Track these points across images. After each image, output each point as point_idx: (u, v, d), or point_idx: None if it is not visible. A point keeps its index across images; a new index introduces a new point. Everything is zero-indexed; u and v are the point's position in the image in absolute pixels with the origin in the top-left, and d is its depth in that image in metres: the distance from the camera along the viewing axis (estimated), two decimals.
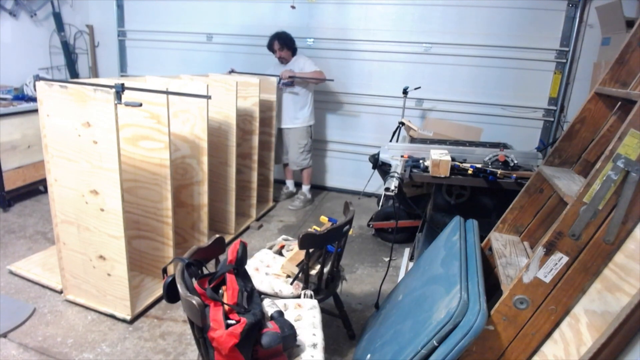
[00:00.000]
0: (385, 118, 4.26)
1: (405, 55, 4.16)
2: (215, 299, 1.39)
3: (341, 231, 1.90)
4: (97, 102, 1.98)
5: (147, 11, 4.90)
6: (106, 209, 2.14)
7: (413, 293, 1.77)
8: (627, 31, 2.97)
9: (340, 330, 2.30)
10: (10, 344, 2.10)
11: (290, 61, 3.91)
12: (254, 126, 3.50)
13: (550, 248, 1.28)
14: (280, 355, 1.46)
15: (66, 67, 5.09)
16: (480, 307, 1.26)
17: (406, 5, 4.06)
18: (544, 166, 1.84)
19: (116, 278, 2.25)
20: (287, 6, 4.10)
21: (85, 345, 2.13)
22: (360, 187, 4.06)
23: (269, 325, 1.47)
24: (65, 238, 2.34)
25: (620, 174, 1.18)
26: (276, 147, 3.99)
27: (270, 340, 1.41)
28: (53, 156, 2.20)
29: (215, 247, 1.67)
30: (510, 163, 2.53)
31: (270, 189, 4.09)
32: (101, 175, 2.09)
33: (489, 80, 4.00)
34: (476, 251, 1.65)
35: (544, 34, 3.78)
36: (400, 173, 2.30)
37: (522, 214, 1.91)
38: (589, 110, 1.74)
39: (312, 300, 1.80)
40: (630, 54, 1.61)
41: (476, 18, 3.90)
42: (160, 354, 2.11)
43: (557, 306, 1.30)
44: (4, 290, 2.52)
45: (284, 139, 4.09)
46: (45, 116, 2.14)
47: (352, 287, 2.79)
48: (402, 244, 3.41)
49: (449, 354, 1.23)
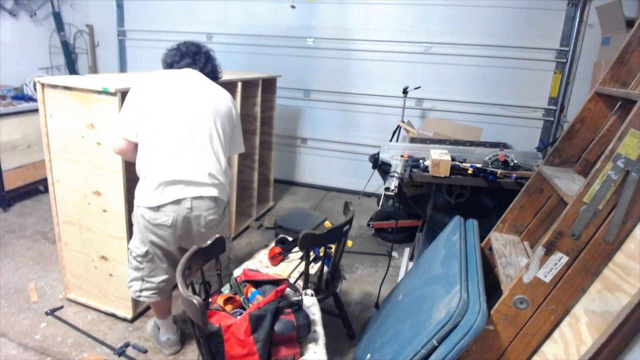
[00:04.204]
0: (385, 118, 4.26)
1: (405, 55, 4.16)
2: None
3: (341, 231, 1.91)
4: (101, 104, 1.98)
5: (147, 11, 4.90)
6: (109, 210, 2.14)
7: (413, 293, 1.77)
8: (627, 31, 2.97)
9: (340, 330, 2.30)
10: (10, 344, 2.11)
11: None
12: (254, 126, 3.50)
13: (550, 248, 1.28)
14: (293, 342, 1.49)
15: (66, 67, 5.09)
16: (480, 307, 1.26)
17: (406, 5, 4.06)
18: (544, 166, 1.84)
19: (118, 278, 2.25)
20: (287, 6, 4.10)
21: (86, 345, 2.13)
22: (360, 187, 4.06)
23: (285, 312, 1.50)
24: (66, 238, 2.34)
25: (620, 173, 1.18)
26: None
27: (283, 327, 1.44)
28: (55, 157, 2.20)
29: (215, 247, 1.67)
30: (510, 163, 2.53)
31: (270, 189, 4.09)
32: (104, 176, 2.10)
33: (489, 80, 4.00)
34: (476, 251, 1.65)
35: (544, 34, 3.79)
36: (400, 173, 2.30)
37: (522, 214, 1.91)
38: (589, 110, 1.74)
39: (312, 297, 1.80)
40: (630, 54, 1.61)
41: (476, 18, 3.90)
42: (160, 353, 2.11)
43: (557, 306, 1.30)
44: (4, 290, 2.53)
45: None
46: (48, 117, 2.14)
47: (352, 287, 2.80)
48: (402, 243, 3.41)
49: (449, 353, 1.23)
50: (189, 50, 1.97)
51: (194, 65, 1.96)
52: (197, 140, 1.79)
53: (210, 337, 1.42)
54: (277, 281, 1.65)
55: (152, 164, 1.77)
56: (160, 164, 1.75)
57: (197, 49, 1.99)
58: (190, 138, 1.78)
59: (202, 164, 1.80)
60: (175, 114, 1.78)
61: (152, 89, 1.82)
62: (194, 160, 1.78)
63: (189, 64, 1.95)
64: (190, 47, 1.98)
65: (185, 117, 1.79)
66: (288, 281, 1.66)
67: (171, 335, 2.09)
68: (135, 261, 1.91)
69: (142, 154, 1.79)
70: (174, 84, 1.86)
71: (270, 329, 1.42)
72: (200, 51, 1.99)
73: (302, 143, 4.76)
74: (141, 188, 1.80)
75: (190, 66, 1.95)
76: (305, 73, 4.49)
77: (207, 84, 1.92)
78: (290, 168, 4.87)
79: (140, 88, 1.82)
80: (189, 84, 1.87)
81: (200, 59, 1.97)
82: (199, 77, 1.93)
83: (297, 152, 4.81)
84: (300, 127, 4.71)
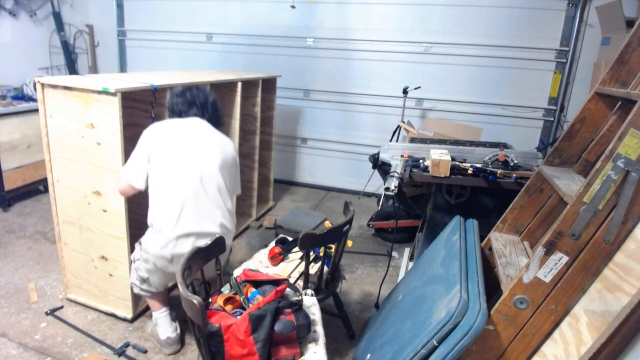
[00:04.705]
0: (385, 118, 4.26)
1: (405, 55, 4.17)
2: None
3: (341, 231, 1.91)
4: (101, 104, 1.98)
5: (147, 11, 4.90)
6: (109, 210, 2.14)
7: (413, 293, 1.77)
8: (627, 31, 2.97)
9: (340, 330, 2.30)
10: (10, 344, 2.11)
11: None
12: (254, 126, 3.50)
13: (550, 248, 1.28)
14: (293, 342, 1.49)
15: (66, 67, 5.09)
16: (480, 307, 1.26)
17: (406, 5, 4.06)
18: (544, 166, 1.84)
19: (118, 278, 2.25)
20: (287, 6, 4.10)
21: (86, 345, 2.13)
22: (360, 187, 4.06)
23: (285, 312, 1.50)
24: (66, 238, 2.34)
25: (620, 173, 1.18)
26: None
27: (283, 327, 1.45)
28: (55, 157, 2.20)
29: (215, 247, 1.67)
30: (510, 163, 2.53)
31: (270, 189, 4.09)
32: (104, 176, 2.10)
33: (489, 80, 4.00)
34: (476, 251, 1.65)
35: (544, 34, 3.79)
36: (400, 173, 2.30)
37: (522, 214, 1.91)
38: (589, 110, 1.74)
39: (312, 297, 1.81)
40: (630, 54, 1.61)
41: (476, 18, 3.90)
42: (160, 353, 2.11)
43: (557, 306, 1.30)
44: (4, 290, 2.53)
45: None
46: (48, 117, 2.14)
47: (352, 287, 2.80)
48: (402, 243, 3.41)
49: (449, 353, 1.23)
50: (197, 100, 2.01)
51: (202, 116, 2.01)
52: (209, 192, 1.86)
53: (210, 337, 1.42)
54: (277, 281, 1.65)
55: (165, 217, 1.84)
56: (173, 217, 1.82)
57: (205, 98, 2.03)
58: (202, 191, 1.85)
59: (214, 216, 1.89)
60: (187, 167, 1.86)
61: (162, 140, 1.88)
62: (207, 212, 1.86)
63: (197, 114, 2.00)
64: (198, 96, 2.02)
65: (196, 171, 1.86)
66: (288, 281, 1.66)
67: (170, 334, 2.10)
68: (137, 282, 2.07)
69: (155, 206, 1.86)
70: (184, 136, 1.91)
71: (270, 329, 1.42)
72: (208, 101, 2.04)
73: (302, 143, 4.76)
74: (153, 239, 1.87)
75: (197, 116, 2.00)
76: (305, 73, 4.49)
77: (214, 135, 1.99)
78: (290, 168, 4.88)
79: (151, 137, 1.88)
80: (198, 137, 1.94)
81: (208, 109, 2.03)
82: (206, 129, 1.99)
83: (297, 152, 4.81)
84: (300, 127, 4.71)
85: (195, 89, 2.04)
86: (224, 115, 2.15)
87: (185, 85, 2.53)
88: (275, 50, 4.52)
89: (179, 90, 2.05)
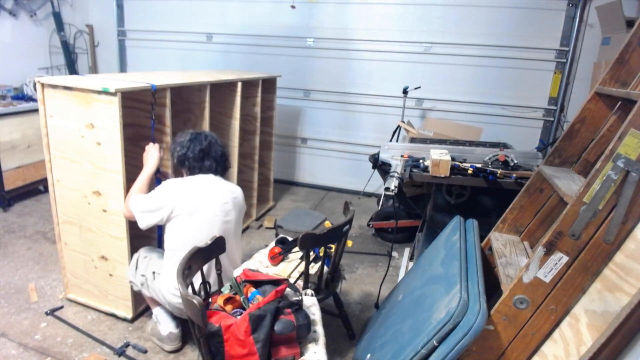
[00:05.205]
0: (385, 118, 4.26)
1: (405, 55, 4.17)
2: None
3: (341, 231, 1.91)
4: (101, 104, 1.98)
5: (147, 11, 4.90)
6: (109, 209, 2.14)
7: (413, 293, 1.77)
8: (627, 31, 2.97)
9: (340, 330, 2.30)
10: (10, 344, 2.11)
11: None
12: (254, 126, 3.50)
13: (550, 248, 1.28)
14: (293, 342, 1.50)
15: (66, 67, 5.09)
16: (480, 307, 1.26)
17: (406, 5, 4.06)
18: (544, 166, 1.84)
19: (118, 278, 2.25)
20: (287, 6, 4.10)
21: (86, 345, 2.13)
22: (360, 187, 4.06)
23: (285, 312, 1.50)
24: (66, 238, 2.34)
25: (620, 173, 1.18)
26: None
27: (283, 327, 1.45)
28: (55, 157, 2.20)
29: (215, 247, 1.67)
30: (510, 163, 2.53)
31: (270, 189, 4.09)
32: (104, 176, 2.10)
33: (489, 80, 4.00)
34: (476, 251, 1.65)
35: (544, 34, 3.79)
36: (400, 173, 2.30)
37: (522, 214, 1.91)
38: (589, 110, 1.74)
39: (312, 297, 1.81)
40: (630, 54, 1.61)
41: (476, 18, 3.90)
42: (160, 353, 2.11)
43: (557, 306, 1.30)
44: (4, 290, 2.53)
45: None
46: (48, 117, 2.14)
47: (352, 287, 2.80)
48: (402, 243, 3.41)
49: (449, 353, 1.23)
50: (210, 151, 2.04)
51: (217, 173, 2.07)
52: (228, 250, 1.91)
53: (210, 337, 1.42)
54: (277, 281, 1.65)
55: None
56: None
57: (221, 149, 2.08)
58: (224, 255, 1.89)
59: (228, 271, 2.01)
60: (208, 229, 1.92)
61: (184, 204, 1.92)
62: (224, 269, 1.93)
63: (211, 168, 2.04)
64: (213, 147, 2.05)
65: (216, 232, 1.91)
66: (288, 281, 1.66)
67: (173, 329, 2.10)
68: (138, 282, 2.13)
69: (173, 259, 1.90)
70: (204, 199, 1.96)
71: (270, 329, 1.42)
72: (222, 153, 2.09)
73: (302, 143, 4.76)
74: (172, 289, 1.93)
75: (211, 171, 2.05)
76: (305, 73, 4.49)
77: (230, 194, 2.05)
78: (290, 168, 4.88)
79: (177, 195, 1.93)
80: (217, 199, 1.98)
81: (221, 161, 2.08)
82: (223, 188, 2.04)
83: (297, 152, 4.81)
84: (300, 127, 4.71)
85: (203, 138, 2.04)
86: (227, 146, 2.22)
87: (183, 84, 2.53)
88: (275, 50, 4.52)
89: (185, 140, 2.03)
